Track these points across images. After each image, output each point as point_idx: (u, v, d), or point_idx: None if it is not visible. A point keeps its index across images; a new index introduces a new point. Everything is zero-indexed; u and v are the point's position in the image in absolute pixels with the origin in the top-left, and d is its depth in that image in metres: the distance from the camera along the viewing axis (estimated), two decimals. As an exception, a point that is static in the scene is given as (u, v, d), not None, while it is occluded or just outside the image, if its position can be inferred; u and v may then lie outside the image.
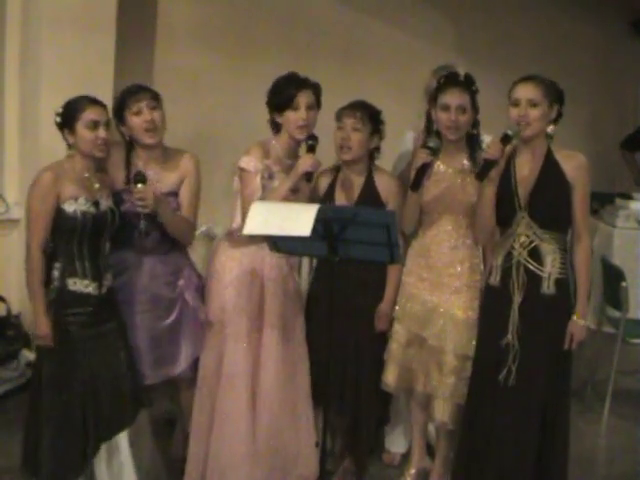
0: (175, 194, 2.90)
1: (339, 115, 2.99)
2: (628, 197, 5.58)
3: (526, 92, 2.65)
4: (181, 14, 4.35)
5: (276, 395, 2.91)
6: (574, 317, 2.70)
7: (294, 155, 2.95)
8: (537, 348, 2.70)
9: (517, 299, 2.72)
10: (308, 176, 2.79)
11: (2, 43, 3.77)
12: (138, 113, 2.80)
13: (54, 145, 3.53)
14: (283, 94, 2.87)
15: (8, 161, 3.87)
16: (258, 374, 2.91)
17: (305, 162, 2.77)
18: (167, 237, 2.90)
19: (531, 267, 2.71)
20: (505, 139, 2.64)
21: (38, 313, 2.62)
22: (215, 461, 2.89)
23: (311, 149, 2.81)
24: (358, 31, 4.98)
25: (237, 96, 4.42)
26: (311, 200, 2.99)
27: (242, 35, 4.55)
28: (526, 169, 2.72)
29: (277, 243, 2.51)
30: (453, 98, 2.86)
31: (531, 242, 2.71)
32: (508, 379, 2.70)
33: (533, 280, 2.71)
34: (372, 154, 3.06)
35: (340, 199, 3.04)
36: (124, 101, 2.82)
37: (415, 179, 2.83)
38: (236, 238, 2.92)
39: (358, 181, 3.04)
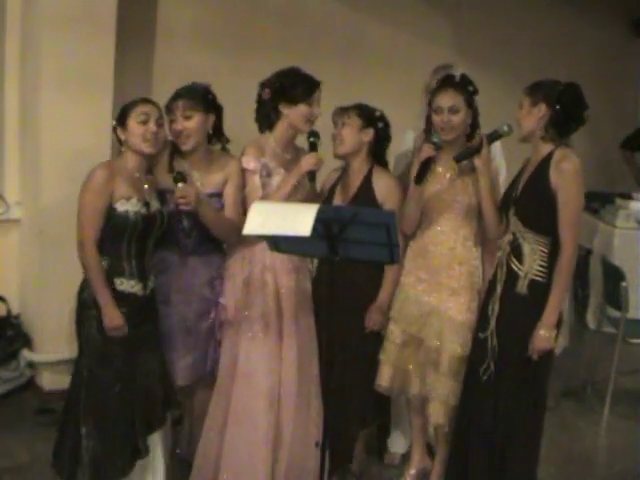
0: (219, 195, 2.90)
1: (333, 117, 3.04)
2: (628, 197, 5.58)
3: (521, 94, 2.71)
4: (181, 14, 4.35)
5: (296, 390, 2.90)
6: (537, 325, 2.63)
7: (291, 149, 2.96)
8: (509, 346, 2.70)
9: (498, 294, 2.73)
10: (311, 175, 2.81)
11: (2, 43, 3.77)
12: (173, 121, 2.83)
13: (54, 145, 3.55)
14: (302, 87, 2.87)
15: (8, 161, 3.86)
16: (279, 370, 2.89)
17: (308, 161, 2.80)
18: (208, 238, 2.89)
19: (511, 264, 2.71)
20: (491, 135, 2.78)
21: (106, 305, 2.59)
22: (230, 460, 2.87)
23: (313, 147, 2.83)
24: (358, 31, 4.97)
25: (237, 96, 4.40)
26: (312, 194, 3.00)
27: (242, 35, 4.54)
28: (528, 169, 2.73)
29: (277, 243, 2.51)
30: (444, 100, 2.89)
31: (515, 240, 2.71)
32: (485, 373, 2.71)
33: (512, 278, 2.71)
34: (375, 154, 3.06)
35: (338, 197, 3.07)
36: (166, 107, 2.83)
37: (419, 172, 2.87)
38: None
39: (357, 180, 3.05)
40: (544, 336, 2.62)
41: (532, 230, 2.68)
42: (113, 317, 2.60)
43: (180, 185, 2.70)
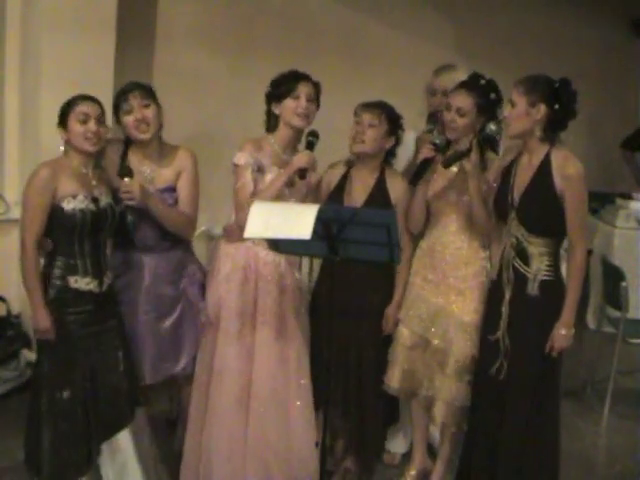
0: (172, 189, 2.91)
1: (358, 109, 2.99)
2: (628, 197, 5.59)
3: (511, 92, 2.66)
4: (181, 14, 4.35)
5: (269, 393, 2.89)
6: (557, 324, 2.66)
7: (292, 150, 2.95)
8: (522, 347, 2.70)
9: (507, 296, 2.72)
10: (302, 173, 2.79)
11: (2, 43, 3.77)
12: (129, 112, 2.82)
13: (54, 145, 3.53)
14: (285, 83, 2.88)
15: (8, 161, 3.86)
16: (251, 371, 2.89)
17: (300, 159, 2.78)
18: (167, 234, 2.89)
19: (518, 267, 2.71)
20: (482, 137, 2.74)
21: (37, 307, 2.60)
22: (206, 455, 2.90)
23: (310, 146, 2.82)
24: (358, 31, 4.97)
25: (237, 96, 4.42)
26: (311, 195, 2.99)
27: (242, 35, 4.55)
28: (524, 172, 2.71)
29: (277, 243, 2.51)
30: (454, 99, 2.88)
31: (519, 243, 2.70)
32: (499, 375, 2.71)
33: (520, 280, 2.70)
34: (387, 157, 3.06)
35: (349, 196, 3.03)
36: (117, 102, 2.85)
37: (416, 173, 2.85)
38: (229, 234, 2.93)
39: (369, 180, 3.03)
40: (565, 335, 2.65)
41: (537, 234, 2.68)
42: (40, 320, 2.60)
43: (126, 180, 2.71)
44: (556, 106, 2.60)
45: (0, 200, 3.84)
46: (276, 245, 2.53)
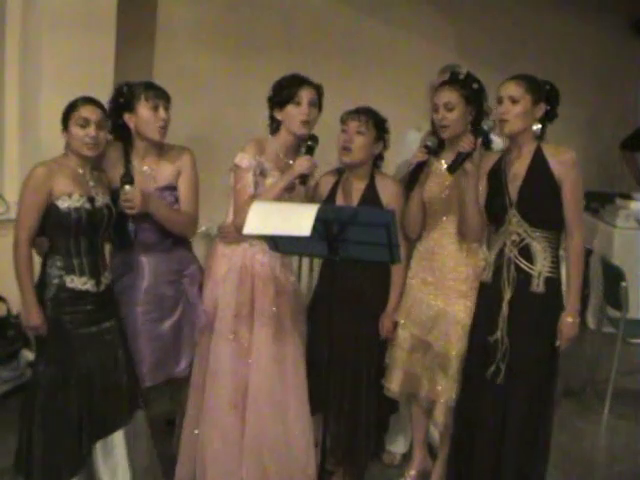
0: (172, 188, 2.90)
1: (344, 118, 2.98)
2: (628, 197, 5.59)
3: (507, 89, 2.67)
4: (181, 14, 4.35)
5: (265, 395, 2.89)
6: (563, 314, 2.68)
7: (293, 154, 2.93)
8: (525, 346, 2.70)
9: (507, 296, 2.72)
10: (303, 178, 2.78)
11: (2, 43, 3.77)
12: (155, 109, 2.80)
13: (54, 145, 3.54)
14: (286, 89, 2.86)
15: (8, 161, 3.86)
16: (247, 373, 2.88)
17: (301, 164, 2.77)
18: (168, 234, 2.89)
19: (521, 265, 2.71)
20: (479, 134, 2.71)
21: (28, 304, 2.61)
22: (200, 456, 2.90)
23: (309, 150, 2.80)
24: (358, 31, 4.97)
25: (237, 96, 4.42)
26: (308, 200, 2.99)
27: (242, 35, 4.55)
28: (516, 167, 2.72)
29: (277, 243, 2.51)
30: (439, 97, 2.87)
31: (522, 240, 2.71)
32: (496, 376, 2.71)
33: (523, 278, 2.71)
34: (376, 162, 3.05)
35: (340, 203, 3.02)
36: (140, 91, 2.81)
37: (411, 178, 2.84)
38: (225, 235, 2.93)
39: (359, 186, 3.02)
40: (572, 323, 2.66)
41: (540, 228, 2.69)
42: (32, 317, 2.61)
43: (127, 188, 2.70)
44: (548, 107, 2.70)
45: (0, 200, 3.84)
46: (276, 244, 2.52)
